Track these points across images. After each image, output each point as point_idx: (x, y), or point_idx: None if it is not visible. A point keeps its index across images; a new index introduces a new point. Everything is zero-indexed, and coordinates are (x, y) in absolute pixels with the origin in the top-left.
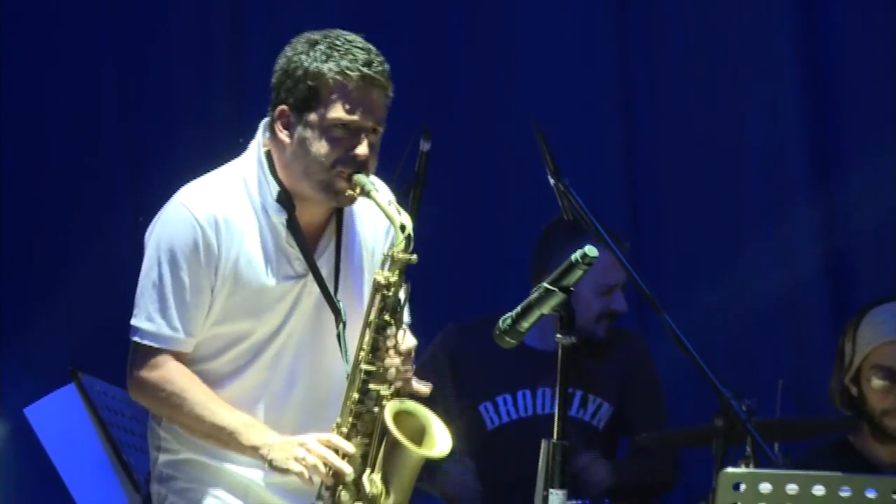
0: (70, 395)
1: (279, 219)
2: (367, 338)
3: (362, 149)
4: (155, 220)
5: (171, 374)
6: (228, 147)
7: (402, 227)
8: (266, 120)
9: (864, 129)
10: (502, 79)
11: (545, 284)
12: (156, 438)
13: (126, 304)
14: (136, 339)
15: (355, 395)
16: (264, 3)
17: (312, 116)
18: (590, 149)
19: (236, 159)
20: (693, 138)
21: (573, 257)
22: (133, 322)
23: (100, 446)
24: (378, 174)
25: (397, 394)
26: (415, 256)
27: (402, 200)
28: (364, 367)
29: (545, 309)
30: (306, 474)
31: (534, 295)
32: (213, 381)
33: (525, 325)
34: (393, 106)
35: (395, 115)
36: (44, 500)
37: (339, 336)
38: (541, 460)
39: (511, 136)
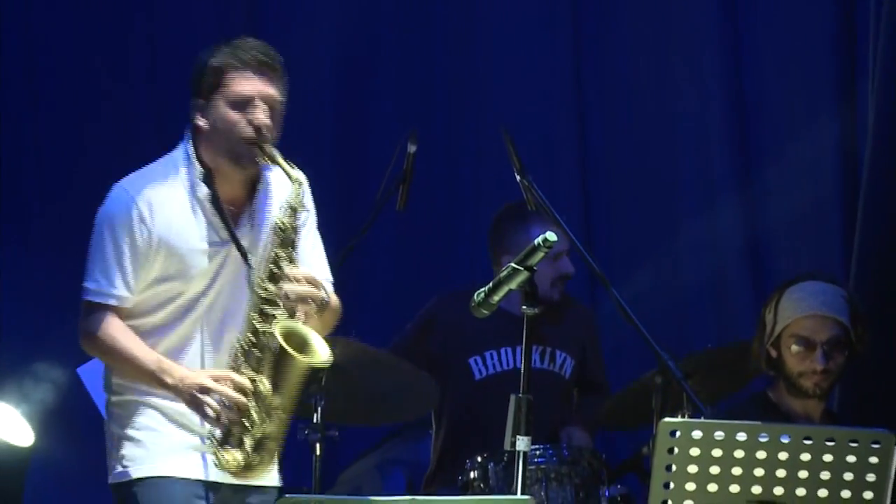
0: None
1: (204, 194)
2: (263, 267)
3: (260, 115)
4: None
5: (107, 326)
6: None
7: (298, 182)
8: (189, 126)
9: (780, 133)
10: (475, 92)
11: (512, 264)
12: (108, 383)
13: None
14: (84, 297)
15: (253, 316)
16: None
17: (219, 97)
18: (549, 150)
19: (171, 153)
20: (635, 140)
21: (536, 241)
22: (84, 284)
23: None
24: (371, 174)
25: (291, 315)
26: (308, 206)
27: (393, 195)
28: (260, 292)
29: (513, 285)
30: (208, 417)
31: (503, 273)
32: (153, 333)
33: (496, 298)
34: (382, 114)
35: (383, 122)
36: (95, 448)
37: (249, 280)
38: (510, 411)
39: (483, 139)
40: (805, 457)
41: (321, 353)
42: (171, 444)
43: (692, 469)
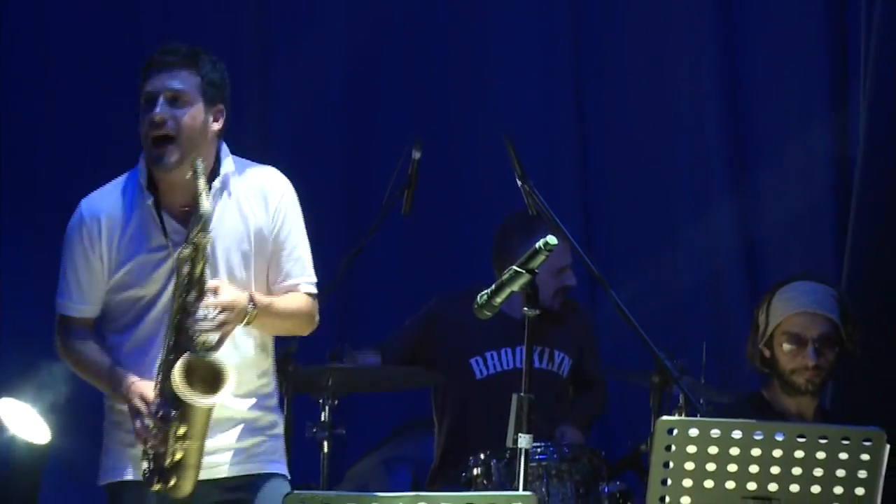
0: None
1: (148, 201)
2: (176, 304)
3: (155, 110)
4: None
5: (73, 338)
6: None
7: (201, 217)
8: None
9: (774, 138)
10: (477, 100)
11: (514, 267)
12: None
13: None
14: (56, 310)
15: (171, 333)
16: (287, 38)
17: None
18: (549, 155)
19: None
20: (634, 146)
21: (537, 245)
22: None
23: None
24: (377, 179)
25: (205, 343)
26: (209, 237)
27: (398, 200)
28: (174, 325)
29: (515, 287)
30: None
31: (505, 276)
32: (122, 332)
33: (498, 300)
34: (388, 123)
35: (389, 130)
36: None
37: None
38: (511, 410)
39: (484, 146)
40: (799, 454)
41: (214, 395)
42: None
43: (689, 466)
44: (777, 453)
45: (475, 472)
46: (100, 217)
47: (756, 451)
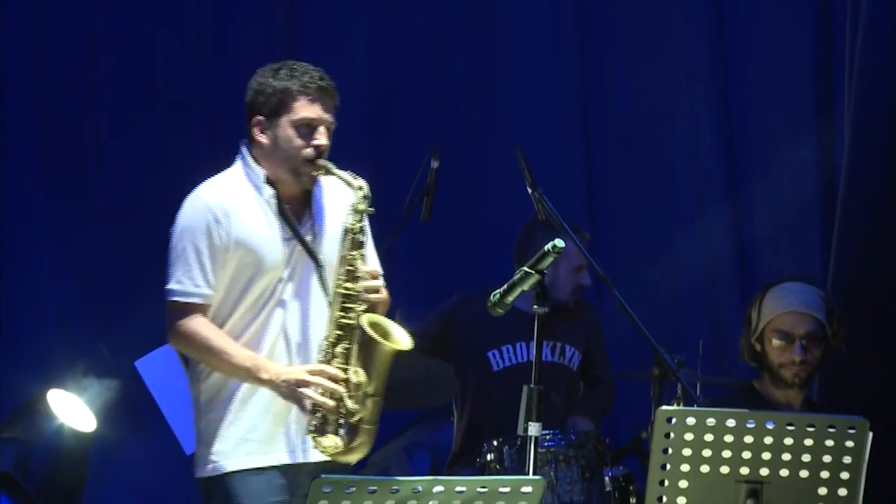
0: (169, 351)
1: (268, 195)
2: (342, 269)
3: (321, 139)
4: (180, 211)
5: (197, 325)
6: None
7: (360, 188)
8: (244, 140)
9: (764, 149)
10: (492, 114)
11: (525, 268)
12: (196, 380)
13: None
14: (169, 298)
15: (337, 313)
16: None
17: (282, 120)
18: (557, 166)
19: (232, 165)
20: (635, 157)
21: (546, 247)
22: (166, 287)
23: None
24: (399, 187)
25: (368, 310)
26: (372, 209)
27: (418, 206)
28: (341, 290)
29: (525, 286)
30: (307, 408)
31: (516, 276)
32: (236, 326)
33: (510, 298)
34: (409, 134)
35: (410, 141)
36: (153, 434)
37: (320, 278)
38: (522, 400)
39: (498, 156)
40: (788, 441)
41: (403, 339)
42: (258, 437)
43: (686, 452)
44: (768, 440)
45: (488, 457)
46: (224, 203)
47: (749, 439)
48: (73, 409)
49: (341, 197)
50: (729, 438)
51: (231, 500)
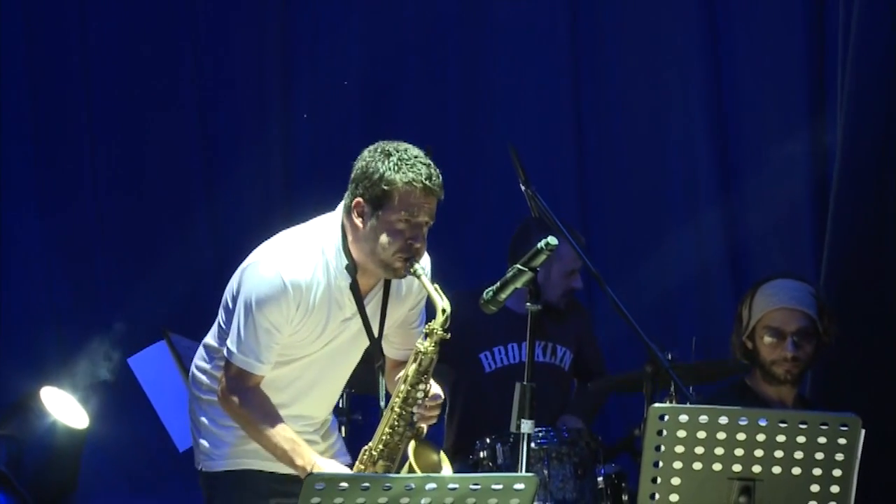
0: (162, 349)
1: (344, 283)
2: (402, 388)
3: (419, 242)
4: (249, 266)
5: (249, 396)
6: (276, 152)
7: (444, 311)
8: (345, 202)
9: (756, 148)
10: (484, 113)
11: (518, 266)
12: (199, 382)
13: (202, 282)
14: (229, 359)
15: (387, 429)
16: (309, 54)
17: (382, 213)
18: (550, 163)
19: (318, 224)
20: (628, 155)
21: (539, 245)
22: (228, 345)
23: (184, 389)
24: None
25: (418, 432)
26: (448, 335)
27: None
28: (397, 409)
29: (518, 284)
30: None
31: (509, 274)
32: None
33: (503, 296)
34: (401, 132)
35: (403, 137)
36: (145, 430)
37: (378, 374)
38: (515, 398)
39: (491, 155)
40: (780, 438)
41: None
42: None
43: (679, 449)
44: (760, 437)
45: (481, 455)
46: (301, 290)
47: (741, 436)
48: (66, 406)
49: (413, 282)
50: (721, 435)
51: (234, 497)
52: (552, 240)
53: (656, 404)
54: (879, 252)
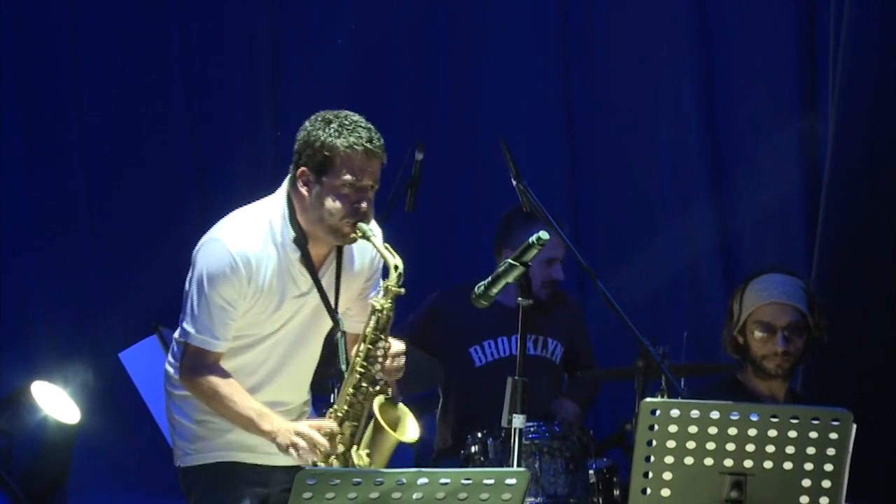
0: (153, 344)
1: (294, 255)
2: (362, 347)
3: (365, 205)
4: (201, 246)
5: (210, 372)
6: (266, 143)
7: (396, 267)
8: (289, 176)
9: (747, 143)
10: (475, 107)
11: (509, 260)
12: (172, 379)
13: None
14: (185, 340)
15: (350, 390)
16: (298, 54)
17: (326, 179)
18: (541, 158)
19: (265, 200)
20: (619, 148)
21: (530, 240)
22: (184, 325)
23: None
24: (383, 179)
25: (382, 390)
26: (403, 290)
27: (402, 198)
28: (358, 369)
29: (509, 279)
30: (299, 458)
31: (500, 268)
32: (227, 355)
33: (494, 290)
34: (393, 127)
35: (394, 134)
36: (136, 425)
37: (337, 342)
38: (506, 392)
39: (482, 149)
40: (772, 433)
41: (411, 431)
42: (235, 438)
43: (670, 444)
44: (752, 432)
45: (473, 449)
46: (250, 261)
47: (733, 431)
48: (57, 401)
49: (366, 254)
50: (713, 430)
51: (212, 490)
52: (543, 234)
53: (648, 399)
54: (870, 246)
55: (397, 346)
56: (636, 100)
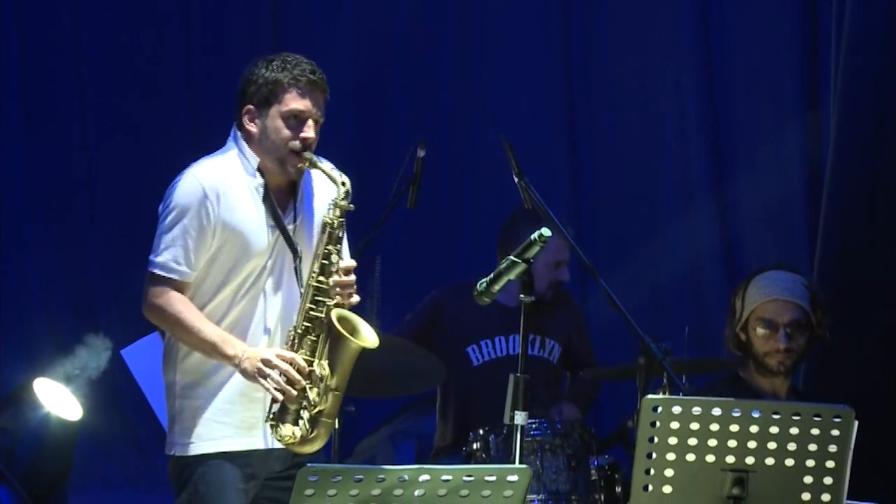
0: (155, 340)
1: (258, 183)
2: (316, 263)
3: (309, 132)
4: (172, 185)
5: (172, 299)
6: None
7: (343, 183)
8: (235, 121)
9: (749, 142)
10: (477, 104)
11: (511, 257)
12: (172, 365)
13: None
14: (150, 269)
15: (308, 305)
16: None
17: (272, 110)
18: (544, 155)
19: (222, 150)
20: (621, 147)
21: (532, 236)
22: (151, 258)
23: None
24: (385, 176)
25: (338, 304)
26: (353, 206)
27: (404, 195)
28: (314, 283)
29: (511, 275)
30: (270, 389)
31: (502, 265)
32: (216, 316)
33: (496, 287)
34: (394, 124)
35: (396, 131)
36: (138, 422)
37: (295, 269)
38: (508, 390)
39: (484, 146)
40: (774, 430)
41: (370, 337)
42: (234, 421)
43: (672, 441)
44: (754, 429)
45: (474, 446)
46: (217, 186)
47: (734, 427)
48: (59, 398)
49: (327, 192)
50: (715, 427)
51: (202, 482)
52: (545, 231)
53: (649, 396)
54: (872, 244)
55: (348, 261)
56: (638, 98)
